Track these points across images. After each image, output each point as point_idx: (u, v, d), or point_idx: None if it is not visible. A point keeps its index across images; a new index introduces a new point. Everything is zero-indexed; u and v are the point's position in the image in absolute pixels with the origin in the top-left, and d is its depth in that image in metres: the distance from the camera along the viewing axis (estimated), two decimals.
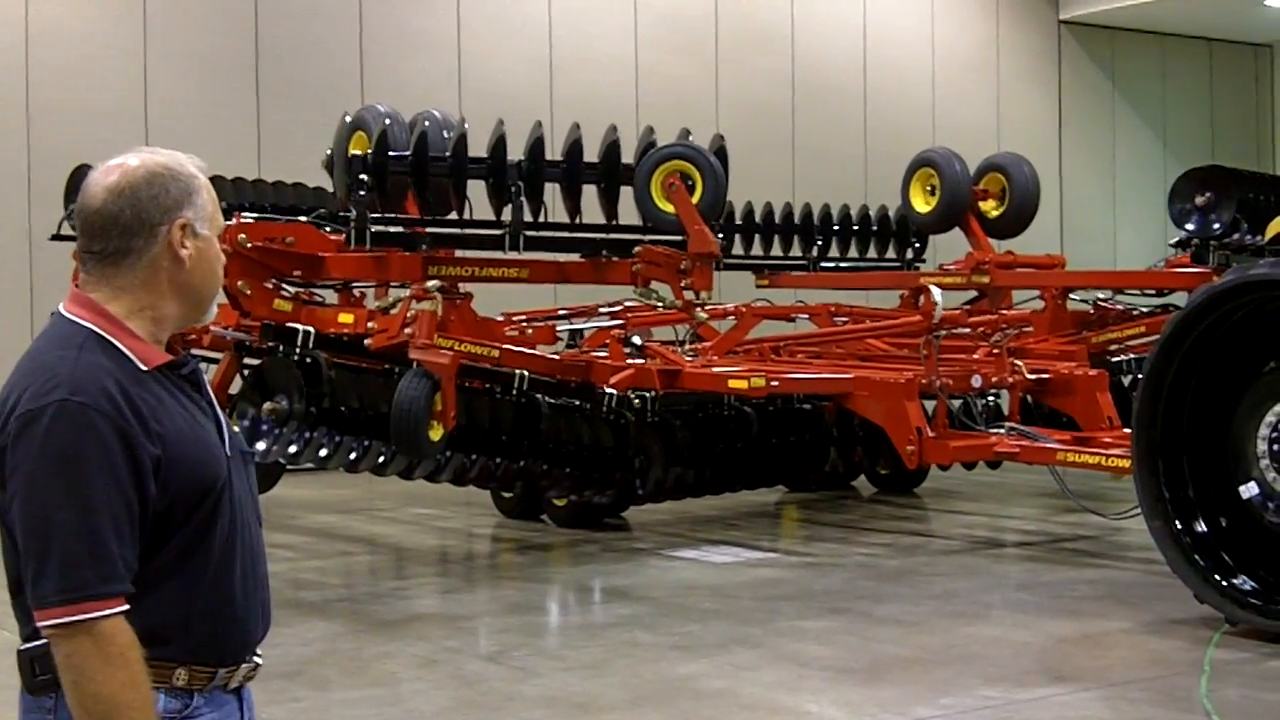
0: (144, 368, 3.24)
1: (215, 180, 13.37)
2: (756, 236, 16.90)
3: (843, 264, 17.24)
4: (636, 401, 13.03)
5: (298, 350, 11.72)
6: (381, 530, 14.41)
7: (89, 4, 18.24)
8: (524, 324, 13.80)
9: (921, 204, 16.19)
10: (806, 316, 16.32)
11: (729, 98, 21.78)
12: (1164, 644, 9.07)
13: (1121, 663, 8.89)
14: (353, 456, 11.88)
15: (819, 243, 17.01)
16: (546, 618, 10.57)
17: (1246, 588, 9.12)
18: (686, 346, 14.78)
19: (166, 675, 3.23)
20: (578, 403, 12.87)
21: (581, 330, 14.70)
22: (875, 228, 17.18)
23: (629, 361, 13.30)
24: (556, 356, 13.34)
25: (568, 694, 8.19)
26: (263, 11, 18.96)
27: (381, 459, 11.92)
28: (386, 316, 12.05)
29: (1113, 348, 15.30)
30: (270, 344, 11.89)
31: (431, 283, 12.04)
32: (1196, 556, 9.29)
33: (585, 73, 20.41)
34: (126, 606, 3.11)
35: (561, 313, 15.18)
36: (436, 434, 11.39)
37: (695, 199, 12.67)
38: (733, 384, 13.15)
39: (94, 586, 3.07)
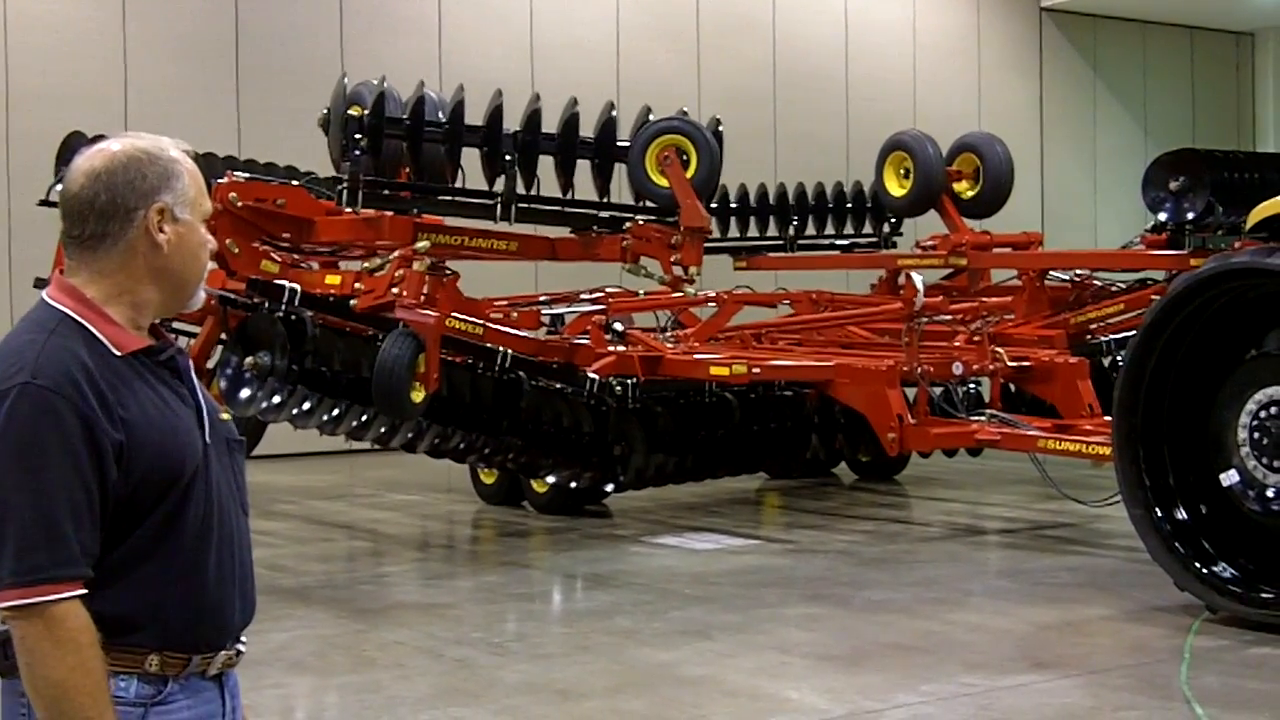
0: (118, 353, 3.25)
1: (206, 158, 13.40)
2: (733, 220, 16.90)
3: (820, 241, 17.23)
4: (618, 388, 13.02)
5: (283, 307, 11.63)
6: (362, 516, 14.40)
7: None
8: (508, 308, 13.78)
9: (896, 187, 16.09)
10: (788, 303, 16.32)
11: (711, 84, 21.76)
12: (1144, 631, 9.09)
13: (1102, 650, 8.90)
14: (335, 413, 11.81)
15: (795, 222, 17.01)
16: (527, 604, 10.56)
17: (1227, 575, 9.14)
18: (668, 333, 14.78)
19: (139, 661, 3.23)
20: (559, 386, 12.86)
21: (563, 316, 14.67)
22: (850, 204, 17.16)
23: (611, 348, 13.31)
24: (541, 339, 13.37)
25: (549, 680, 8.19)
26: None
27: (363, 418, 11.87)
28: (373, 278, 11.99)
29: (1093, 327, 15.27)
30: (256, 299, 11.79)
31: (420, 244, 12.00)
32: (1177, 544, 9.31)
33: (567, 59, 20.38)
34: (82, 591, 3.11)
35: (543, 298, 15.17)
36: (418, 395, 11.34)
37: (690, 174, 12.69)
38: (714, 371, 13.15)
39: (47, 570, 3.07)
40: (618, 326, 14.12)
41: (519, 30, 20.54)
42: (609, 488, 13.57)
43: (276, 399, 11.54)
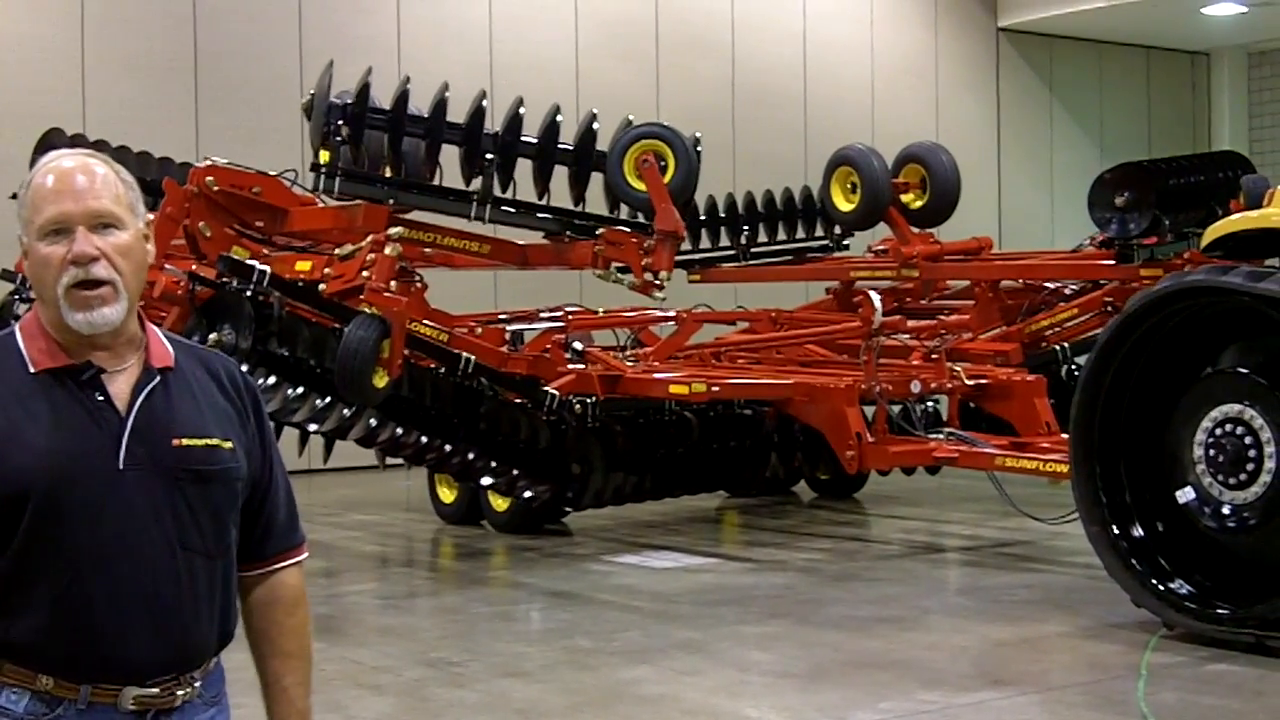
0: (32, 369, 3.27)
1: (182, 167, 13.34)
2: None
3: (773, 248, 17.21)
4: (578, 406, 13.02)
5: (252, 286, 11.58)
6: (321, 536, 14.32)
7: (26, 8, 18.11)
8: (473, 324, 13.77)
9: (843, 202, 15.93)
10: (747, 323, 16.33)
11: (669, 102, 21.78)
12: (1101, 648, 9.12)
13: (1059, 667, 8.94)
14: (300, 391, 11.71)
15: (746, 230, 17.02)
16: (486, 623, 10.52)
17: (1183, 592, 9.17)
18: (628, 352, 14.79)
19: (30, 678, 3.22)
20: (520, 399, 12.84)
21: (522, 333, 14.65)
22: (801, 208, 17.16)
23: (570, 366, 13.31)
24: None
25: (508, 700, 8.18)
26: (201, 16, 18.86)
27: (319, 406, 11.80)
28: (344, 263, 11.98)
29: (1047, 333, 15.30)
30: (225, 279, 11.71)
31: (394, 230, 12.00)
32: (1134, 561, 9.34)
33: (526, 78, 20.31)
34: None
35: (502, 316, 15.15)
36: (381, 381, 11.30)
37: (667, 179, 12.73)
38: (674, 389, 13.18)
39: None
40: (577, 345, 14.13)
41: (478, 49, 20.54)
42: (568, 506, 13.56)
43: (244, 367, 11.36)
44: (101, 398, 3.28)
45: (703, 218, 17.04)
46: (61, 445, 3.22)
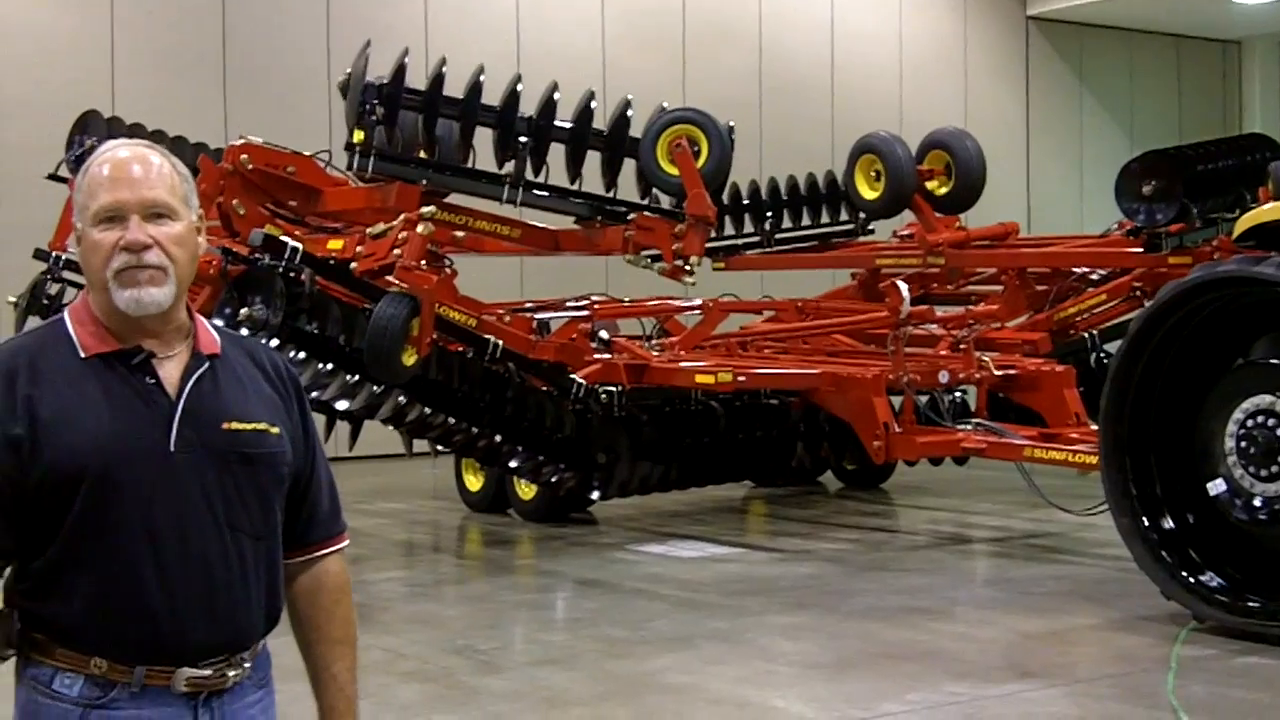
0: (82, 354, 3.29)
1: (215, 153, 13.35)
2: None
3: (798, 233, 17.13)
4: (604, 396, 12.99)
5: (284, 262, 11.58)
6: (348, 523, 14.32)
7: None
8: (501, 313, 13.74)
9: (867, 190, 15.71)
10: (773, 312, 16.28)
11: (696, 93, 21.65)
12: (1131, 640, 9.07)
13: (1088, 659, 8.90)
14: (330, 368, 11.68)
15: (770, 216, 16.95)
16: (513, 612, 10.52)
17: (1213, 584, 9.13)
18: (654, 341, 14.76)
19: (83, 661, 3.24)
20: (546, 387, 12.82)
21: (548, 322, 14.63)
22: (825, 192, 17.07)
23: (596, 355, 13.29)
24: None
25: (534, 688, 8.17)
26: (230, 6, 18.88)
27: (348, 382, 11.77)
28: (375, 241, 11.98)
29: (1077, 320, 15.21)
30: (257, 254, 11.70)
31: (426, 209, 12.00)
32: (1164, 553, 9.29)
33: (552, 68, 20.12)
34: None
35: (528, 305, 15.13)
36: (410, 359, 11.29)
37: (700, 164, 12.71)
38: (700, 379, 13.15)
39: None
40: (603, 334, 14.10)
41: (505, 39, 20.51)
42: (594, 495, 13.53)
43: (275, 341, 11.28)
44: (153, 381, 3.32)
45: (725, 204, 16.97)
46: (114, 427, 3.24)
